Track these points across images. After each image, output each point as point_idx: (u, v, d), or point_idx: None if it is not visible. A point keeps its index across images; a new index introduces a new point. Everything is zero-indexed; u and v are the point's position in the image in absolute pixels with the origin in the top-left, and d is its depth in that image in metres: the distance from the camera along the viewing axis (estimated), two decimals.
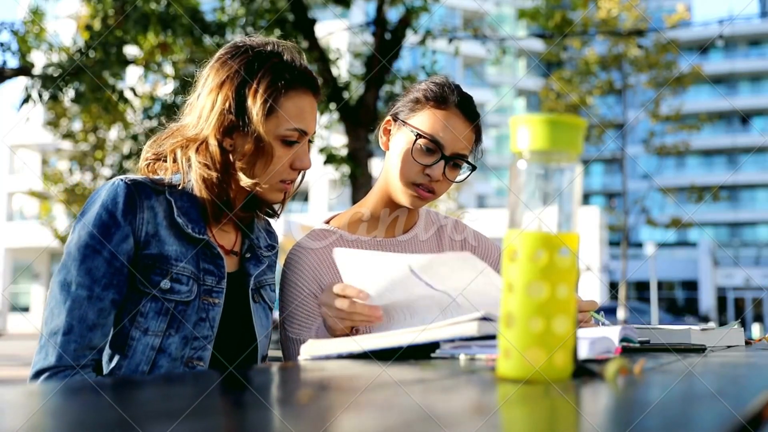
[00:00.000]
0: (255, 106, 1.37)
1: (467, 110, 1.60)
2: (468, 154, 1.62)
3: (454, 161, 1.59)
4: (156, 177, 1.43)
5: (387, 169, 1.63)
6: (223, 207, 1.43)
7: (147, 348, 1.33)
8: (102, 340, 1.32)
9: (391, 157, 1.62)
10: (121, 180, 1.37)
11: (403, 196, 1.60)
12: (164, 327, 1.34)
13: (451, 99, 1.59)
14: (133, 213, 1.34)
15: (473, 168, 1.65)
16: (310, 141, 1.47)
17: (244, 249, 1.52)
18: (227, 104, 1.38)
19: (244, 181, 1.39)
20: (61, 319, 1.30)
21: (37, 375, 1.30)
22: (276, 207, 1.59)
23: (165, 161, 1.44)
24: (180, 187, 1.41)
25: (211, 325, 1.39)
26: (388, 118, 1.66)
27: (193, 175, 1.40)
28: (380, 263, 1.19)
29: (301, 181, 1.53)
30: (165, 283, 1.34)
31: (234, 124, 1.38)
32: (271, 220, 1.64)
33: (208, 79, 1.42)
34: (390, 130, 1.65)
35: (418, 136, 1.57)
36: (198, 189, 1.40)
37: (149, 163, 1.47)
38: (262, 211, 1.56)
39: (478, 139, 1.64)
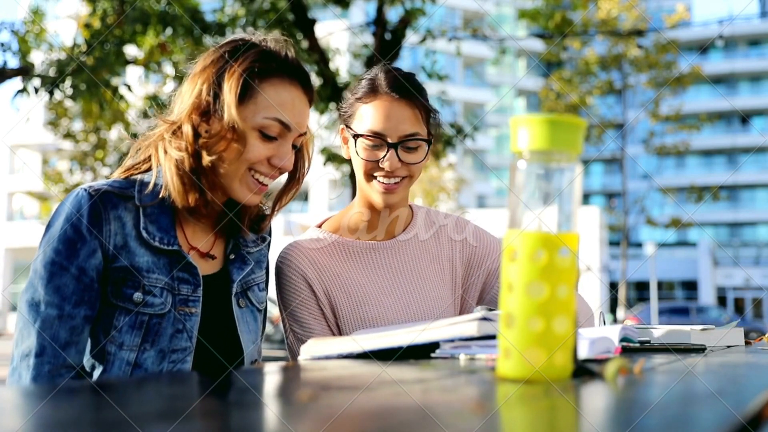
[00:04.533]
0: (229, 85, 1.31)
1: (399, 88, 1.53)
2: (418, 131, 1.54)
3: (405, 144, 1.53)
4: (126, 179, 1.35)
5: (356, 178, 1.62)
6: (209, 201, 1.35)
7: (123, 363, 1.28)
8: (77, 357, 1.27)
9: (353, 163, 1.60)
10: (84, 190, 1.29)
11: (373, 195, 1.57)
12: (139, 341, 1.29)
13: (378, 85, 1.54)
14: (99, 225, 1.27)
15: (429, 142, 1.58)
16: (294, 146, 1.38)
17: (229, 249, 1.45)
18: (205, 86, 1.32)
19: (205, 158, 1.30)
20: (32, 340, 1.25)
21: None
22: (264, 224, 1.50)
23: (149, 161, 1.38)
24: (152, 184, 1.33)
25: (189, 336, 1.33)
26: (342, 126, 1.63)
27: (167, 162, 1.33)
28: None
29: (297, 191, 1.47)
30: (138, 296, 1.28)
31: (209, 107, 1.32)
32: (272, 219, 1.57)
33: (194, 68, 1.37)
34: (346, 137, 1.62)
35: (355, 136, 1.54)
36: (170, 177, 1.31)
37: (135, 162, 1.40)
38: (244, 221, 1.46)
39: (425, 110, 1.57)
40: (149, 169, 1.37)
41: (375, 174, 1.55)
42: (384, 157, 1.53)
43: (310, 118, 1.43)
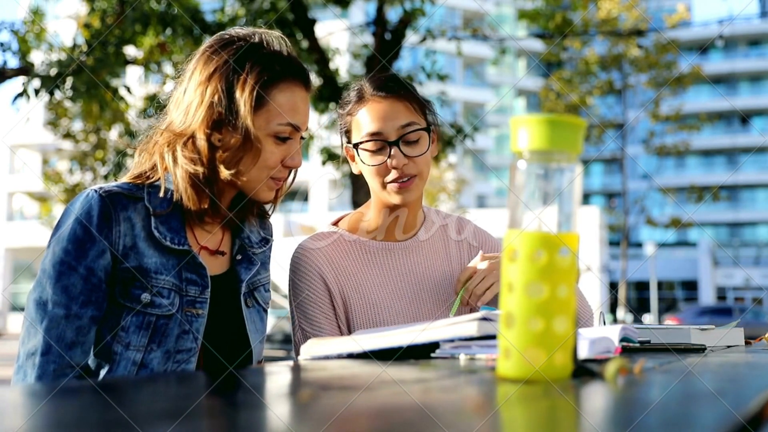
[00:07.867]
0: (243, 98, 1.31)
1: (384, 88, 1.56)
2: (414, 120, 1.55)
3: (405, 138, 1.54)
4: (135, 182, 1.36)
5: (369, 186, 1.63)
6: (219, 205, 1.38)
7: (129, 363, 1.29)
8: (82, 357, 1.28)
9: (364, 176, 1.62)
10: (95, 191, 1.30)
11: (390, 197, 1.58)
12: (146, 341, 1.29)
13: (364, 92, 1.57)
14: (109, 226, 1.28)
15: (427, 129, 1.58)
16: (302, 138, 1.43)
17: (235, 250, 1.46)
18: (216, 97, 1.32)
19: (224, 172, 1.33)
20: (38, 339, 1.26)
21: None
22: (267, 207, 1.54)
23: (156, 168, 1.38)
24: (162, 189, 1.34)
25: (195, 337, 1.33)
26: (345, 144, 1.65)
27: (178, 171, 1.33)
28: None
29: (293, 179, 1.49)
30: (145, 297, 1.29)
31: (222, 117, 1.32)
32: (271, 219, 1.59)
33: (195, 73, 1.36)
34: (351, 154, 1.64)
35: (356, 145, 1.57)
36: (183, 187, 1.33)
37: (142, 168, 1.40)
38: (253, 212, 1.50)
39: (417, 102, 1.58)
40: (158, 179, 1.38)
41: (386, 179, 1.56)
42: (389, 157, 1.54)
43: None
